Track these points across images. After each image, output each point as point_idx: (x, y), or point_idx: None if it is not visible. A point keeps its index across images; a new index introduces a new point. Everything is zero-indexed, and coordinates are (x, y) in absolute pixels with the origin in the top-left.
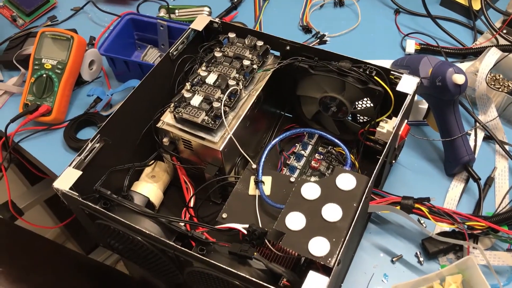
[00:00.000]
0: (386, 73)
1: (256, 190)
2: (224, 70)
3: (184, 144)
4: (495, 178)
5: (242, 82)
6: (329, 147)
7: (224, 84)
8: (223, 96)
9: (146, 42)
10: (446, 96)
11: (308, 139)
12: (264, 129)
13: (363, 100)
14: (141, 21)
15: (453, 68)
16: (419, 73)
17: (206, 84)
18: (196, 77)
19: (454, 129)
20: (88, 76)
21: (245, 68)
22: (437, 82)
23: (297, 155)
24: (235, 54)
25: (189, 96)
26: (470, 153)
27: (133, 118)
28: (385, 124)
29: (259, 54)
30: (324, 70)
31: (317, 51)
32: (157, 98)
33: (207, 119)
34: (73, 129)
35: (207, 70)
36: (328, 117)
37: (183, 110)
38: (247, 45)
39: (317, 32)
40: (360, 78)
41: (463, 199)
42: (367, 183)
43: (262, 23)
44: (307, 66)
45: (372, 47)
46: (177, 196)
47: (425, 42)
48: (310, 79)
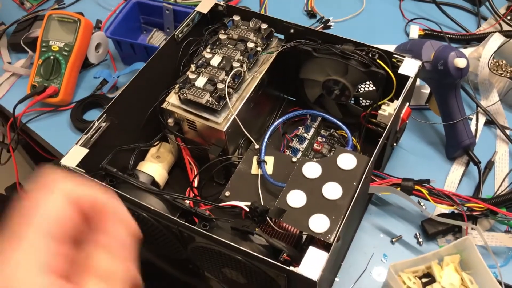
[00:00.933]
0: (388, 56)
1: (258, 170)
2: (229, 52)
3: (188, 125)
4: (495, 162)
5: (246, 64)
6: (332, 130)
7: (228, 66)
8: (227, 78)
9: (152, 26)
10: (448, 80)
11: (311, 122)
12: (267, 112)
13: (366, 83)
14: (147, 5)
15: (455, 52)
16: (421, 57)
17: (211, 66)
18: (201, 59)
19: (456, 113)
20: (94, 59)
21: (249, 51)
22: (439, 66)
23: (299, 137)
24: (239, 36)
25: (193, 77)
26: (470, 136)
27: (138, 99)
28: (387, 107)
29: (263, 37)
30: (328, 53)
31: (321, 34)
32: (162, 79)
33: (211, 100)
34: (80, 111)
35: (211, 52)
36: (331, 100)
37: (187, 91)
38: (251, 28)
39: (322, 17)
40: (362, 61)
41: (463, 182)
42: (367, 163)
43: (267, 7)
44: (311, 49)
45: (376, 32)
46: (181, 176)
47: (429, 27)
48: (314, 62)
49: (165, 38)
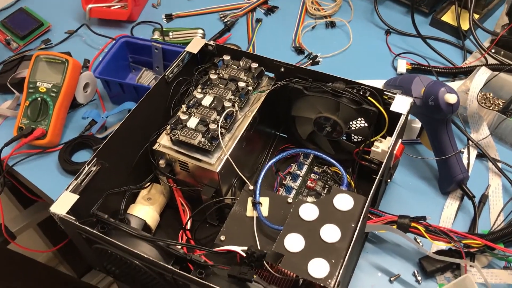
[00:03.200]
0: (379, 93)
1: (254, 212)
2: (220, 92)
3: (180, 166)
4: (489, 196)
5: (237, 104)
6: (325, 167)
7: (220, 106)
8: (219, 118)
9: (140, 65)
10: (439, 115)
11: (304, 159)
12: (259, 149)
13: (358, 120)
14: (136, 44)
15: (445, 88)
16: (411, 93)
17: (202, 106)
18: (192, 99)
19: (448, 148)
20: (82, 99)
21: (240, 90)
22: (430, 101)
23: (293, 175)
24: (230, 76)
25: (185, 118)
26: (464, 171)
27: (129, 141)
28: (380, 144)
29: (254, 76)
30: (319, 91)
31: (311, 72)
32: (153, 120)
33: (204, 141)
34: (68, 152)
35: (202, 92)
36: (323, 137)
37: (179, 132)
38: (242, 67)
39: (310, 53)
40: (354, 99)
41: (459, 217)
42: (364, 203)
43: (255, 44)
44: (302, 87)
45: (364, 67)
46: (174, 218)
47: (416, 62)
48: (305, 100)
49: (154, 77)
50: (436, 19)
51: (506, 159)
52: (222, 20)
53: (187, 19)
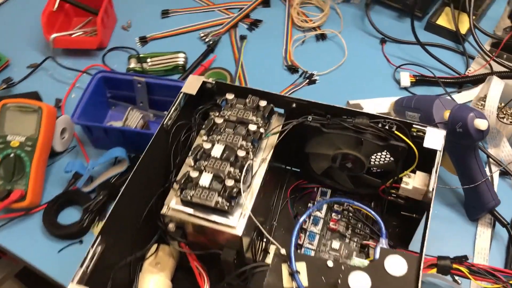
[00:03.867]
0: (407, 127)
1: (292, 282)
2: (229, 139)
3: (194, 229)
4: None
5: (252, 151)
6: (345, 204)
7: (233, 156)
8: (235, 171)
9: (120, 100)
10: (468, 142)
11: (322, 196)
12: (272, 189)
13: (382, 153)
14: (114, 79)
15: (474, 113)
16: (433, 117)
17: (212, 157)
18: (199, 150)
19: (477, 175)
20: (60, 146)
21: (252, 134)
22: (458, 128)
23: (313, 218)
24: (238, 118)
25: (196, 175)
26: (495, 197)
27: (132, 205)
28: (409, 180)
29: (264, 115)
30: (338, 127)
31: (327, 107)
32: (154, 176)
33: (221, 201)
34: (53, 212)
35: (209, 140)
36: (341, 171)
37: (191, 192)
38: (249, 106)
39: (305, 71)
40: (379, 135)
41: (492, 246)
42: (419, 264)
43: (243, 66)
44: (319, 125)
45: (364, 83)
46: (186, 280)
47: (419, 73)
48: (322, 137)
49: (142, 116)
50: (431, 24)
51: None
52: (203, 39)
53: (163, 41)
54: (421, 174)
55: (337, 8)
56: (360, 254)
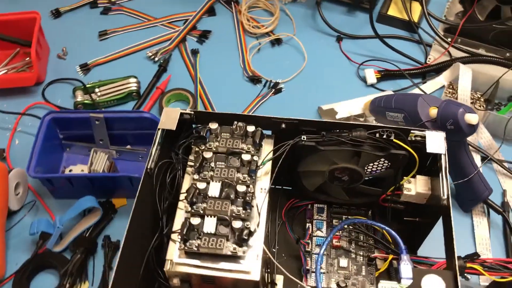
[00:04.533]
0: (405, 133)
1: None
2: (224, 174)
3: (203, 280)
4: (509, 202)
5: (251, 183)
6: (343, 217)
7: (233, 193)
8: (238, 209)
9: (75, 140)
10: (459, 138)
11: (318, 214)
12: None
13: (380, 161)
14: (67, 119)
15: (463, 108)
16: (419, 116)
17: (210, 198)
18: (194, 192)
19: (469, 168)
20: (16, 204)
21: (246, 164)
22: (449, 125)
23: (316, 239)
24: (227, 149)
25: (197, 222)
26: (489, 187)
27: (129, 263)
28: (410, 185)
29: (254, 142)
30: (334, 143)
31: (319, 123)
32: (146, 227)
33: (233, 247)
34: (24, 282)
35: (202, 178)
36: (336, 185)
37: (198, 242)
38: (236, 134)
39: (268, 80)
40: (378, 145)
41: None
42: (456, 279)
43: (203, 83)
44: (314, 143)
45: (330, 85)
46: None
47: (383, 68)
48: (317, 154)
49: (107, 156)
50: (383, 15)
51: (508, 156)
52: (152, 59)
53: (108, 66)
54: (422, 178)
55: (286, 9)
56: (369, 268)
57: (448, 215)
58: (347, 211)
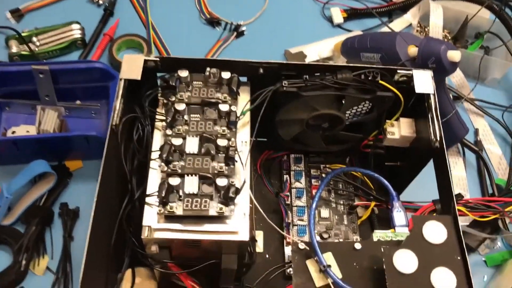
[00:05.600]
0: (391, 73)
1: (327, 279)
2: (201, 127)
3: (185, 245)
4: (482, 140)
5: (232, 136)
6: (321, 166)
7: (213, 148)
8: (221, 165)
9: (16, 97)
10: (441, 76)
11: (296, 164)
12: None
13: (363, 105)
14: (4, 73)
15: (445, 45)
16: (398, 55)
17: (189, 155)
18: (169, 149)
19: (447, 107)
20: None
21: (224, 116)
22: (430, 64)
23: (296, 190)
24: (202, 99)
25: (177, 182)
26: (465, 126)
27: (100, 234)
28: (394, 129)
29: (231, 90)
30: (318, 87)
31: (300, 66)
32: (115, 191)
33: (219, 207)
34: None
35: (176, 134)
36: (314, 133)
37: (178, 204)
38: (210, 82)
39: (228, 23)
40: (363, 87)
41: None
42: (457, 224)
43: (156, 27)
44: (296, 89)
45: (295, 26)
46: None
47: (349, 6)
48: (298, 101)
49: (57, 114)
50: None
51: (478, 95)
52: (95, 2)
53: (44, 11)
54: (405, 120)
55: None
56: (351, 217)
57: (443, 158)
58: (324, 159)
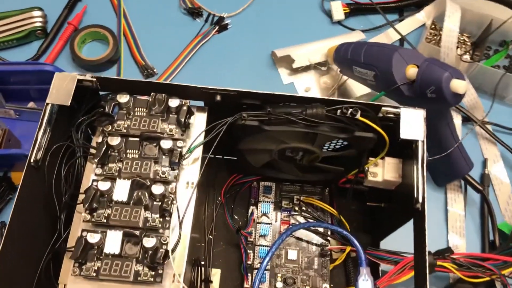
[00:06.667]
0: (376, 110)
1: None
2: (136, 167)
3: None
4: (490, 173)
5: (173, 179)
6: (294, 197)
7: (147, 196)
8: (153, 218)
9: None
10: (440, 108)
11: (265, 195)
12: (202, 191)
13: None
14: None
15: (449, 72)
16: (393, 77)
17: (117, 203)
18: (94, 194)
19: (449, 141)
20: None
21: (167, 153)
22: (429, 93)
23: (262, 227)
24: (142, 132)
25: (96, 240)
26: (469, 162)
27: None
28: (377, 170)
29: (179, 121)
30: (283, 121)
31: (264, 96)
32: (38, 235)
33: (144, 271)
34: None
35: (105, 174)
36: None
37: (96, 265)
38: (155, 110)
39: (211, 14)
40: (338, 126)
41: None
42: None
43: (128, 17)
44: (258, 123)
45: (288, 22)
46: None
47: (353, 0)
48: (261, 134)
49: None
50: None
51: (495, 118)
52: None
53: None
54: (391, 161)
55: None
56: (322, 261)
57: (422, 222)
58: (299, 189)
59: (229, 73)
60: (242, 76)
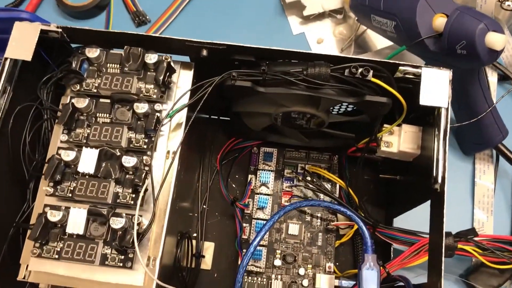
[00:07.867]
0: (392, 70)
1: None
2: (106, 135)
3: None
4: None
5: (148, 149)
6: (299, 165)
7: (117, 168)
8: (124, 194)
9: None
10: (472, 66)
11: (265, 161)
12: (195, 156)
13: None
14: None
15: (484, 24)
16: (417, 28)
17: (82, 176)
18: (56, 166)
19: (481, 104)
20: None
21: (142, 118)
22: (459, 49)
23: (259, 197)
24: (114, 92)
25: (57, 218)
26: (503, 129)
27: None
28: (392, 138)
29: (157, 79)
30: (280, 83)
31: (258, 51)
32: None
33: (111, 254)
34: None
35: (71, 142)
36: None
37: (58, 246)
38: (130, 66)
39: None
40: (346, 89)
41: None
42: None
43: None
44: (250, 84)
45: None
46: None
47: None
48: (257, 96)
49: None
50: None
51: None
52: None
53: None
54: (409, 129)
55: None
56: (328, 237)
57: (440, 205)
58: (305, 156)
59: (232, 22)
60: (248, 26)
